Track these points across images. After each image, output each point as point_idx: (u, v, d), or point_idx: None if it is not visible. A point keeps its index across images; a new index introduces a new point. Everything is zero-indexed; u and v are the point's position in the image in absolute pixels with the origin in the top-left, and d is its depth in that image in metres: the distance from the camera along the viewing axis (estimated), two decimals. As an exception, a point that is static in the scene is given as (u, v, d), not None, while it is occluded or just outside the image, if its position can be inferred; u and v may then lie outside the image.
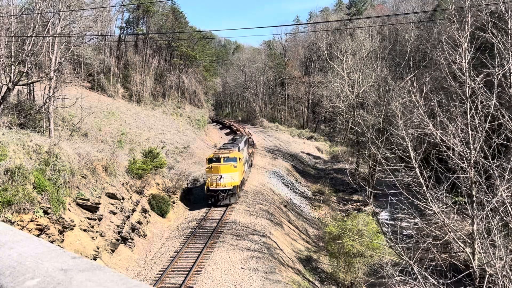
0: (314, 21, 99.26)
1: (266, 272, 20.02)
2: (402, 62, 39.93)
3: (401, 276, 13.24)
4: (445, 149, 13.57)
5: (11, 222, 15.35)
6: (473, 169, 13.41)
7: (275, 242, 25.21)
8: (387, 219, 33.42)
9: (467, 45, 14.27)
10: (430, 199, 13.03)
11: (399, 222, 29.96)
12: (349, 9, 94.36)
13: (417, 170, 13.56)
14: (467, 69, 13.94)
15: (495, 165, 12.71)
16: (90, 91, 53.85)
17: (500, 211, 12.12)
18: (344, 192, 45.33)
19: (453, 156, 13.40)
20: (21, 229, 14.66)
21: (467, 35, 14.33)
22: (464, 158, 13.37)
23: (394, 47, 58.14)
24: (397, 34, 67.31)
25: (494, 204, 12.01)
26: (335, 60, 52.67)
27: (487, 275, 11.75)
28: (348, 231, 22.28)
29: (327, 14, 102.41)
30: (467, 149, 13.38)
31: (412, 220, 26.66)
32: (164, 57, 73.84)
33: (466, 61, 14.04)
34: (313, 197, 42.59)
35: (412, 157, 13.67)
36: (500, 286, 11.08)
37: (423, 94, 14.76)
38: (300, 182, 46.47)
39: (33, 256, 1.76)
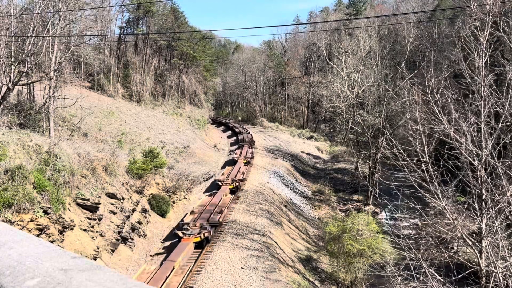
0: (313, 21, 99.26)
1: (266, 272, 20.01)
2: (401, 62, 39.90)
3: (406, 273, 13.09)
4: (458, 146, 13.50)
5: (11, 222, 15.34)
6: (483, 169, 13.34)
7: (275, 242, 25.20)
8: (388, 219, 33.39)
9: (485, 45, 14.17)
10: (440, 195, 12.97)
11: (401, 222, 29.95)
12: (348, 9, 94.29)
13: (429, 165, 13.47)
14: (483, 69, 13.86)
15: (503, 165, 12.65)
16: (90, 91, 53.85)
17: (505, 211, 12.07)
18: (344, 192, 45.29)
19: (465, 153, 13.34)
20: (21, 229, 14.64)
21: (486, 35, 14.24)
22: (475, 157, 13.34)
23: (394, 47, 58.07)
24: (397, 34, 67.29)
25: (502, 204, 11.95)
26: (334, 60, 52.63)
27: (494, 274, 11.69)
28: (348, 231, 22.28)
29: (327, 14, 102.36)
30: (478, 148, 13.33)
31: (413, 220, 26.64)
32: (164, 57, 73.81)
33: (484, 61, 13.95)
34: (313, 196, 42.56)
35: (425, 151, 13.59)
36: (503, 286, 11.05)
37: (439, 91, 14.64)
38: (300, 182, 46.45)
39: (33, 256, 1.76)
